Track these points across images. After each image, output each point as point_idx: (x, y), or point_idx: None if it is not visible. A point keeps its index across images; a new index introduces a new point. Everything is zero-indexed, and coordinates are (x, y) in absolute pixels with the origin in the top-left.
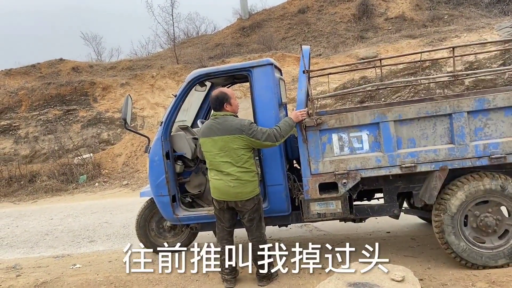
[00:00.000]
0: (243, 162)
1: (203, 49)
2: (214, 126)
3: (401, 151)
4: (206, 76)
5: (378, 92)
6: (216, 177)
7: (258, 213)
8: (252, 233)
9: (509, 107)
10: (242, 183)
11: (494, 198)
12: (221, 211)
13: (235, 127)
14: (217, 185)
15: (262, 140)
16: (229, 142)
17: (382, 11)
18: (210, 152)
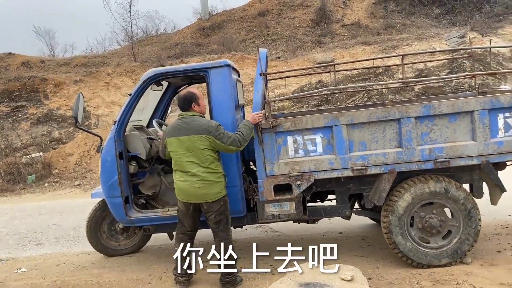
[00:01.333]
0: (209, 162)
1: (162, 48)
2: (181, 126)
3: (352, 154)
4: (162, 75)
5: (334, 96)
6: (181, 179)
7: (224, 215)
8: (218, 235)
9: (453, 114)
10: (208, 184)
11: (438, 200)
12: (186, 215)
13: (203, 127)
14: (182, 186)
15: (227, 144)
16: (196, 142)
17: (339, 18)
18: (176, 152)
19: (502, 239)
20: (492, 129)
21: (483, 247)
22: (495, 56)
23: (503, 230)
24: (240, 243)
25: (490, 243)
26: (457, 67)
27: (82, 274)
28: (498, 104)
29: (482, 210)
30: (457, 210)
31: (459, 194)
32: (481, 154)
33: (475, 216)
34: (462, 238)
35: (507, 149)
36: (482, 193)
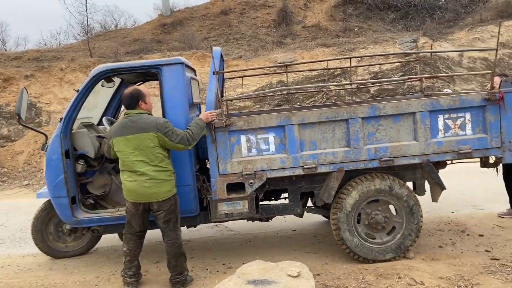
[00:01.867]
0: (159, 161)
1: (120, 44)
2: (127, 125)
3: (303, 153)
4: (112, 71)
5: (294, 97)
6: (130, 179)
7: (174, 214)
8: (167, 235)
9: (397, 115)
10: (157, 182)
11: (383, 197)
12: (135, 216)
13: (151, 124)
14: (131, 187)
15: (176, 142)
16: (144, 140)
17: (300, 19)
18: (123, 152)
19: (444, 235)
20: (433, 129)
21: (426, 242)
22: (445, 60)
23: (445, 226)
24: (195, 243)
25: (433, 239)
26: (409, 70)
27: (27, 276)
28: (438, 106)
29: (427, 207)
30: (400, 207)
31: (402, 191)
32: (422, 154)
33: (417, 212)
34: (405, 234)
35: (447, 149)
36: (424, 191)
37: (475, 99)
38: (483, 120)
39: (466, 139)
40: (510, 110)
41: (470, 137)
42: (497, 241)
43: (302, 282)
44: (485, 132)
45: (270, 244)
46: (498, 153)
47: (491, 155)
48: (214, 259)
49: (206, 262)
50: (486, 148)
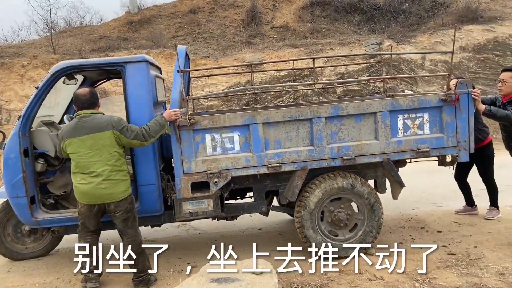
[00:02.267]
0: (115, 160)
1: (85, 41)
2: (80, 125)
3: (268, 152)
4: (74, 68)
5: (262, 97)
6: (84, 181)
7: (132, 213)
8: (126, 234)
9: (359, 115)
10: (114, 183)
11: (345, 195)
12: (89, 217)
13: (106, 123)
14: (85, 189)
15: (131, 138)
16: (100, 140)
17: (268, 20)
18: (77, 153)
19: (404, 232)
20: (393, 129)
21: (387, 239)
22: (408, 63)
23: (406, 223)
24: (160, 243)
25: (394, 235)
26: (374, 71)
27: None
28: (398, 107)
29: (389, 205)
30: (362, 205)
31: (364, 189)
32: (383, 152)
33: (377, 209)
34: (366, 231)
35: (406, 148)
36: (385, 189)
37: (433, 100)
38: (440, 120)
39: (424, 138)
40: (465, 111)
41: (428, 137)
42: (453, 236)
43: (265, 279)
44: (442, 131)
45: (236, 243)
46: (454, 152)
47: (447, 154)
48: (179, 259)
49: (171, 262)
50: (443, 147)
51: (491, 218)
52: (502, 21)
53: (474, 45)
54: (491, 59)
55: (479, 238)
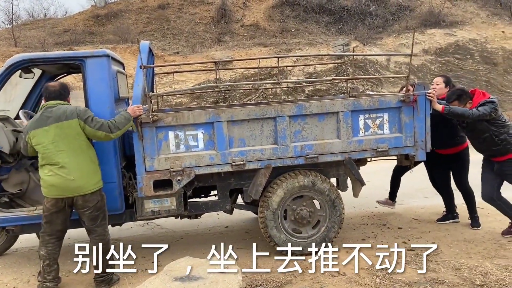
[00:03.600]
0: (83, 149)
1: (48, 34)
2: (45, 116)
3: (232, 150)
4: (30, 61)
5: (231, 95)
6: (51, 173)
7: (102, 211)
8: (94, 232)
9: (322, 114)
10: (83, 174)
11: (307, 193)
12: (56, 214)
13: (71, 112)
14: (53, 181)
15: (96, 128)
16: (66, 129)
17: (239, 18)
18: (42, 144)
19: (367, 229)
20: (354, 128)
21: (351, 236)
22: (374, 64)
23: (369, 221)
24: (124, 241)
25: (357, 232)
26: (342, 72)
27: None
28: (359, 107)
29: (354, 203)
30: (323, 201)
31: (324, 186)
32: (344, 151)
33: (338, 205)
34: (329, 226)
35: (366, 147)
36: (346, 187)
37: (392, 100)
38: (399, 121)
39: (384, 138)
40: (422, 112)
41: (387, 136)
42: (413, 233)
43: (229, 277)
44: (400, 131)
45: (201, 241)
46: (412, 151)
47: (405, 153)
48: (143, 257)
49: (135, 260)
50: (401, 146)
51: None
52: (463, 26)
53: (436, 48)
54: (452, 62)
55: (437, 234)
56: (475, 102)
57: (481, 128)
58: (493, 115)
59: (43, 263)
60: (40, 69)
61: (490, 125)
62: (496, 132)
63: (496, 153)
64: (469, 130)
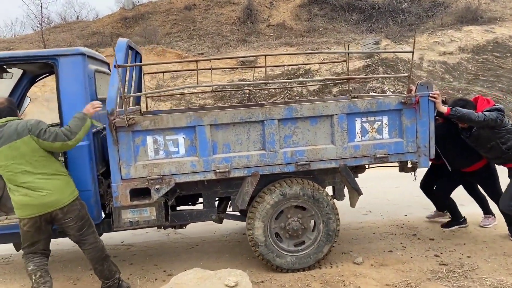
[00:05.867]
0: (46, 164)
1: (77, 36)
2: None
3: (216, 156)
4: None
5: (255, 96)
6: (20, 193)
7: (86, 219)
8: (86, 242)
9: (314, 117)
10: (55, 187)
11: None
12: (36, 233)
13: (22, 129)
14: (25, 201)
15: (50, 140)
16: (19, 148)
17: (265, 18)
18: (2, 167)
19: (395, 239)
20: (350, 133)
21: (377, 246)
22: (406, 63)
23: (397, 230)
24: (137, 248)
25: (384, 243)
26: (371, 71)
27: None
28: (355, 109)
29: (381, 210)
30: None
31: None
32: (339, 158)
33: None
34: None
35: (364, 153)
36: (343, 196)
37: (392, 102)
38: (400, 124)
39: (383, 143)
40: (425, 114)
41: (387, 141)
42: (446, 245)
43: None
44: (401, 136)
45: (217, 248)
46: (414, 158)
47: (407, 160)
48: (155, 265)
49: (146, 269)
50: (403, 152)
51: (487, 226)
52: (502, 22)
53: (474, 46)
54: (490, 60)
55: (473, 247)
56: (479, 109)
57: (486, 136)
58: (499, 122)
59: (35, 276)
60: (21, 69)
61: (496, 133)
62: (503, 140)
63: (506, 160)
64: (473, 140)
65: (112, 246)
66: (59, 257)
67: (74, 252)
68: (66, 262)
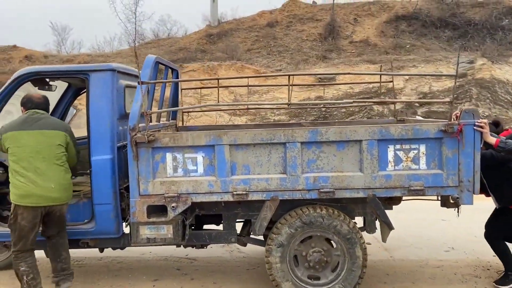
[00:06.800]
0: (63, 161)
1: (166, 52)
2: (31, 119)
3: (234, 177)
4: (36, 74)
5: (332, 113)
6: (28, 181)
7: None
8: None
9: (341, 142)
10: (62, 184)
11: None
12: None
13: (59, 124)
14: (31, 189)
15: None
16: (51, 138)
17: (348, 34)
18: (21, 147)
19: (479, 283)
20: (381, 161)
21: None
22: (504, 84)
23: (483, 273)
24: (200, 263)
25: (465, 286)
26: (463, 92)
27: None
28: (387, 135)
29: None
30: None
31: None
32: (367, 187)
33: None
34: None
35: (396, 184)
36: (374, 228)
37: (431, 130)
38: (440, 155)
39: (419, 174)
40: (469, 145)
41: (424, 173)
42: None
43: None
44: (441, 168)
45: None
46: (455, 192)
47: (447, 194)
48: (215, 284)
49: (205, 286)
50: (442, 186)
51: None
52: None
53: None
54: None
55: None
56: None
57: None
58: None
59: (27, 278)
60: (66, 82)
61: None
62: None
63: None
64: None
65: (176, 259)
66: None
67: (140, 261)
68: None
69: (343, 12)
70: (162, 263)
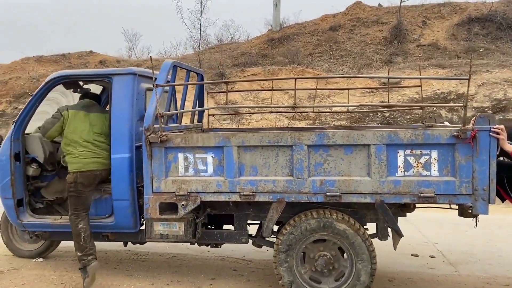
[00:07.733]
0: (105, 136)
1: (228, 56)
2: (89, 104)
3: (242, 178)
4: (65, 78)
5: (396, 120)
6: (87, 149)
7: None
8: None
9: (349, 146)
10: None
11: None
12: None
13: (104, 110)
14: (91, 156)
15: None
16: (102, 119)
17: (415, 37)
18: (81, 124)
19: None
20: (390, 166)
21: None
22: None
23: None
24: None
25: None
26: None
27: None
28: (397, 140)
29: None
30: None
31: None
32: (375, 192)
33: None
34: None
35: (405, 190)
36: (386, 235)
37: (443, 135)
38: (452, 161)
39: (430, 180)
40: (484, 152)
41: (435, 179)
42: None
43: None
44: (454, 175)
45: None
46: (468, 201)
47: (459, 203)
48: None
49: None
50: (454, 194)
51: None
52: None
53: None
54: None
55: None
56: None
57: None
58: None
59: (84, 234)
60: (101, 86)
61: None
62: None
63: None
64: None
65: (233, 259)
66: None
67: (198, 259)
68: (191, 268)
69: (411, 14)
70: (219, 263)
